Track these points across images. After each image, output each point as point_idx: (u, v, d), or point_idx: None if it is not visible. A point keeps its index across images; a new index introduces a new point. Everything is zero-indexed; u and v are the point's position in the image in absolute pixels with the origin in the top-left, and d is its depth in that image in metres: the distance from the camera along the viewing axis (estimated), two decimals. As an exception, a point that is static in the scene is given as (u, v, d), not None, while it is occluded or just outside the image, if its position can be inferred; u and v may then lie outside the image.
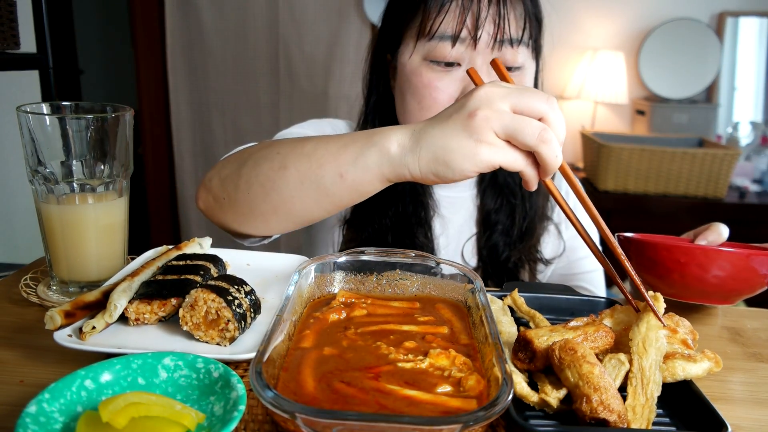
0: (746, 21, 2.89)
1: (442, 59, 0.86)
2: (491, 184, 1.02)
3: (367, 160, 0.65)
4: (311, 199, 0.70)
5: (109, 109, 0.72)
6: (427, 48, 0.87)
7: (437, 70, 0.87)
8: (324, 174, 0.67)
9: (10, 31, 1.33)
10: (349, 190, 0.68)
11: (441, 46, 0.85)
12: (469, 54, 0.86)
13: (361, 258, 0.70)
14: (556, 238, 1.05)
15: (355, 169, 0.66)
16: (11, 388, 0.55)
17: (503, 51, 0.85)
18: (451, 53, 0.85)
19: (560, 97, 2.98)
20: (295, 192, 0.70)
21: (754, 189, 2.72)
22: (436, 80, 0.87)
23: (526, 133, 0.58)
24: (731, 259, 0.69)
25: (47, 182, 0.70)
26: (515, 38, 0.85)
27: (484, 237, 1.01)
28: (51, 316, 0.58)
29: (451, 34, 0.85)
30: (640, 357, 0.55)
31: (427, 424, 0.42)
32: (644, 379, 0.53)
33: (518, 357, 0.57)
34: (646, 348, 0.55)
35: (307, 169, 0.68)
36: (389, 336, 0.60)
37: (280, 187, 0.70)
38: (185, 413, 0.46)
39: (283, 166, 0.70)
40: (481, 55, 0.85)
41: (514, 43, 0.85)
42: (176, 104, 2.90)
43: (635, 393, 0.53)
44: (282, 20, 2.77)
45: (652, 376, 0.54)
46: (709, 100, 2.97)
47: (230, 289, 0.61)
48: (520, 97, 0.59)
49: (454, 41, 0.85)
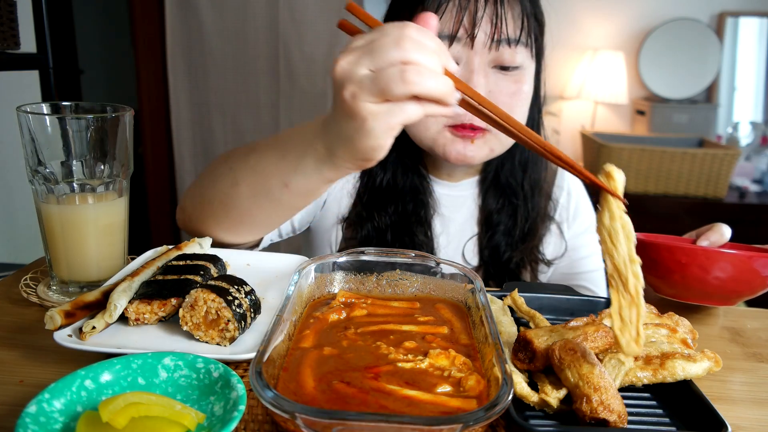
0: (746, 21, 2.89)
1: None
2: (493, 185, 1.02)
3: (306, 168, 0.66)
4: (267, 209, 0.73)
5: (109, 109, 0.72)
6: None
7: None
8: (271, 186, 0.70)
9: (10, 31, 1.33)
10: (297, 196, 0.70)
11: None
12: (467, 53, 0.86)
13: (361, 258, 0.70)
14: (557, 238, 1.05)
15: (297, 177, 0.67)
16: (11, 388, 0.55)
17: (501, 51, 0.85)
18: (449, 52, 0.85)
19: (560, 96, 2.99)
20: (251, 204, 0.73)
21: (754, 189, 2.72)
22: None
23: (391, 88, 0.54)
24: (733, 260, 0.69)
25: (47, 182, 0.70)
26: (513, 38, 0.85)
27: (486, 237, 1.01)
28: (51, 316, 0.58)
29: (448, 34, 0.85)
30: (611, 256, 0.51)
31: (427, 424, 0.42)
32: (622, 278, 0.50)
33: (518, 357, 0.57)
34: (614, 243, 0.51)
35: (255, 183, 0.71)
36: (389, 336, 0.60)
37: (236, 203, 0.73)
38: (185, 413, 0.46)
39: (234, 183, 0.73)
40: (479, 54, 0.85)
41: (512, 43, 0.85)
42: (176, 104, 2.90)
43: (617, 295, 0.49)
44: (282, 20, 2.77)
45: (629, 271, 0.50)
46: (709, 100, 2.97)
47: (230, 289, 0.61)
48: (372, 57, 0.55)
49: (451, 41, 0.85)
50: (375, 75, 0.54)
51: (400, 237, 0.97)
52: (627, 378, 0.56)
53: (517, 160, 0.99)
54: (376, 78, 0.54)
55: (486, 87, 0.87)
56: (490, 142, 0.90)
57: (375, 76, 0.54)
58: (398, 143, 0.95)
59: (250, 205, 0.73)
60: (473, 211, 1.04)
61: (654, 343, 0.60)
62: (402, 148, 0.96)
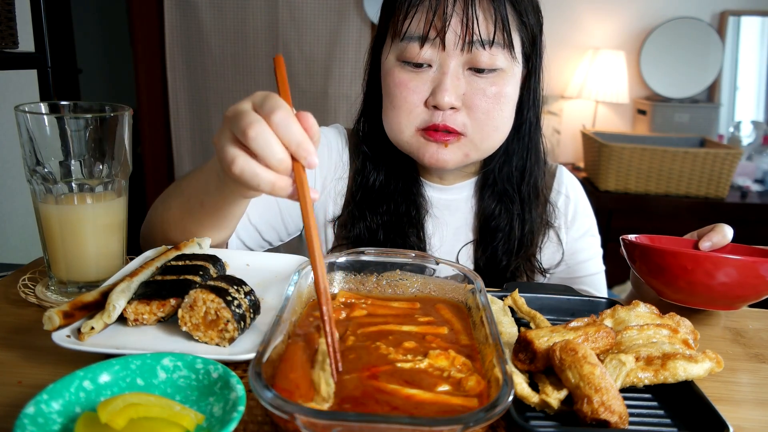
0: (748, 20, 2.89)
1: (411, 60, 0.86)
2: (490, 190, 1.00)
3: (209, 188, 0.74)
4: (200, 224, 0.80)
5: (108, 109, 0.72)
6: (399, 48, 0.88)
7: (408, 70, 0.88)
8: (191, 206, 0.79)
9: (8, 30, 1.33)
10: (215, 213, 0.77)
11: (411, 46, 0.86)
12: (440, 55, 0.86)
13: (361, 258, 0.70)
14: (555, 245, 1.03)
15: (209, 197, 0.75)
16: (9, 389, 0.54)
17: (475, 52, 0.84)
18: (420, 54, 0.85)
19: (561, 96, 2.98)
20: (186, 222, 0.81)
21: (756, 189, 2.71)
22: (408, 81, 0.87)
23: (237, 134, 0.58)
24: (738, 266, 0.69)
25: (46, 182, 0.70)
26: (486, 39, 0.84)
27: (482, 244, 0.99)
28: (49, 317, 0.58)
29: (419, 35, 0.85)
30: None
31: (427, 424, 0.42)
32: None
33: (519, 358, 0.56)
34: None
35: (182, 204, 0.80)
36: (388, 336, 0.60)
37: (176, 223, 0.82)
38: (184, 414, 0.45)
39: (168, 207, 0.83)
40: (451, 56, 0.85)
41: (486, 45, 0.84)
42: (175, 104, 2.90)
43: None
44: (281, 20, 2.77)
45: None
46: (711, 100, 2.97)
47: (229, 290, 0.60)
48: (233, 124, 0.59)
49: (422, 42, 0.85)
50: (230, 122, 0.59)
51: (392, 238, 0.97)
52: (628, 379, 0.56)
53: (515, 165, 0.98)
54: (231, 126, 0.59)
55: (460, 89, 0.86)
56: (465, 147, 0.89)
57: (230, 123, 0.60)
58: (392, 146, 0.95)
59: (186, 222, 0.81)
60: (468, 216, 1.02)
61: (655, 343, 0.60)
62: (395, 150, 0.96)
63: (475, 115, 0.87)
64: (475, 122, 0.87)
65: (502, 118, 0.89)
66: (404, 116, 0.89)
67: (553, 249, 1.03)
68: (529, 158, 0.97)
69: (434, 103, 0.86)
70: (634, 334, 0.61)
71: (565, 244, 1.04)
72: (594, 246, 1.06)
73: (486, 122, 0.87)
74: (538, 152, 0.99)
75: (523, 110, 0.95)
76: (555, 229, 1.03)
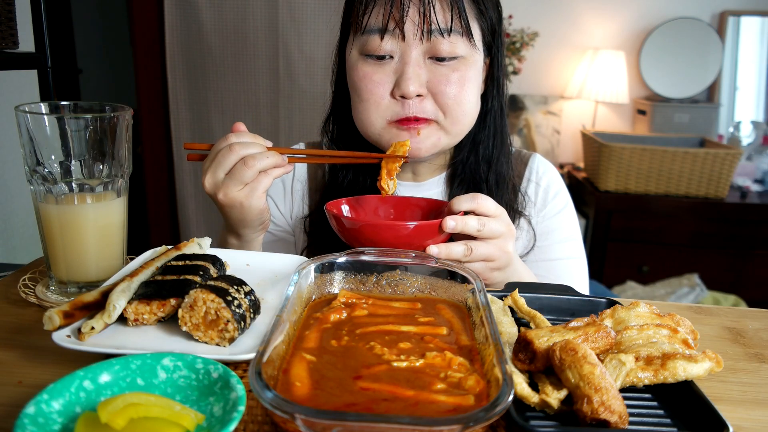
0: (747, 20, 2.89)
1: (373, 53, 0.88)
2: (459, 181, 1.01)
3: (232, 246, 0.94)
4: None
5: (108, 109, 0.72)
6: (361, 42, 0.90)
7: (371, 63, 0.90)
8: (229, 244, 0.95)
9: (8, 30, 1.33)
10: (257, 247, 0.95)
11: (372, 39, 0.88)
12: (400, 46, 0.87)
13: (361, 258, 0.70)
14: (526, 233, 1.04)
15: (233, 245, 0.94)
16: (9, 389, 0.55)
17: (435, 41, 0.86)
18: (381, 46, 0.87)
19: (561, 96, 2.98)
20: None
21: (756, 189, 2.71)
22: (372, 73, 0.89)
23: (244, 176, 0.80)
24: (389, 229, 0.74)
25: (46, 182, 0.70)
26: (444, 28, 0.86)
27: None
28: (50, 317, 0.58)
29: (378, 27, 0.86)
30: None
31: (427, 424, 0.42)
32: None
33: (519, 358, 0.56)
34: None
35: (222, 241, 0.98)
36: (385, 337, 0.60)
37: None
38: (184, 414, 0.45)
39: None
40: (411, 46, 0.87)
41: (444, 33, 0.86)
42: (175, 104, 2.90)
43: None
44: (281, 19, 2.77)
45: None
46: (711, 100, 2.97)
47: (230, 290, 0.60)
48: (221, 167, 0.81)
49: (382, 34, 0.87)
50: (230, 175, 0.80)
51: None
52: (628, 378, 0.56)
53: (480, 154, 1.00)
54: (232, 176, 0.80)
55: (422, 77, 0.88)
56: (437, 133, 0.91)
57: (230, 176, 0.80)
58: (362, 144, 0.96)
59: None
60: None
61: (655, 343, 0.60)
62: (366, 148, 0.97)
63: (442, 100, 0.89)
64: (444, 107, 0.90)
65: (468, 102, 0.91)
66: (373, 109, 0.91)
67: (525, 237, 1.04)
68: (495, 146, 1.00)
69: (400, 93, 0.88)
70: (634, 334, 0.61)
71: (536, 226, 1.04)
72: (568, 228, 1.06)
73: (454, 107, 0.90)
74: (504, 140, 1.01)
75: (488, 99, 0.98)
76: (526, 218, 1.03)
